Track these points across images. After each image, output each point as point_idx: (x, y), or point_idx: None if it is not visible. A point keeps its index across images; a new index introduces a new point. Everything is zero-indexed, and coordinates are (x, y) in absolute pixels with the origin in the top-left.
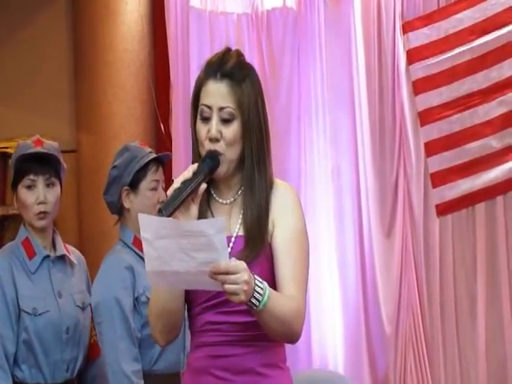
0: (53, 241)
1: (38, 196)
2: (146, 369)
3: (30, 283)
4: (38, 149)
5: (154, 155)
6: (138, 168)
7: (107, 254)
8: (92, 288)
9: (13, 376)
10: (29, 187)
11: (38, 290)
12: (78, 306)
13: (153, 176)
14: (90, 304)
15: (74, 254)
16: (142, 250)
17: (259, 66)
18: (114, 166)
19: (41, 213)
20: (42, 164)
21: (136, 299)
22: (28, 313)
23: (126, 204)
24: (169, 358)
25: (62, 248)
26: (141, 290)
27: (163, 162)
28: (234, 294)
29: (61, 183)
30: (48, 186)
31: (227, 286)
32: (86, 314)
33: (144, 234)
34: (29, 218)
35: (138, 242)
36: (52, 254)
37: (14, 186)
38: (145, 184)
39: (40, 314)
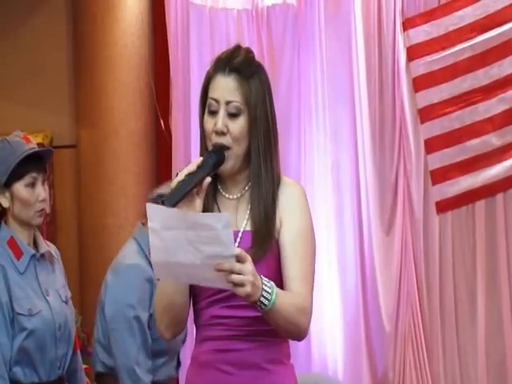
0: (33, 238)
1: (39, 194)
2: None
3: (21, 284)
4: (32, 146)
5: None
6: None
7: (126, 258)
8: (110, 291)
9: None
10: (31, 185)
11: (29, 291)
12: (64, 301)
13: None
14: (70, 300)
15: (51, 248)
16: None
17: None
18: None
19: (42, 210)
20: (40, 162)
21: (150, 315)
22: (24, 315)
23: None
24: (167, 370)
25: (44, 244)
26: None
27: None
28: (241, 285)
29: None
30: (43, 183)
31: (234, 277)
32: (70, 307)
33: (151, 224)
34: (29, 217)
35: None
36: (36, 252)
37: (8, 184)
38: None
39: (35, 314)
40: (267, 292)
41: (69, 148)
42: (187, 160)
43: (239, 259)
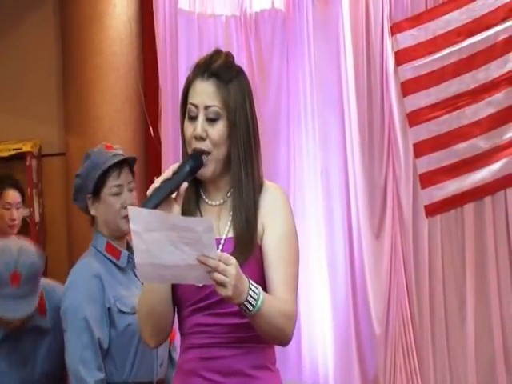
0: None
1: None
2: (119, 379)
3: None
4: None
5: (113, 160)
6: (98, 175)
7: (78, 260)
8: (62, 294)
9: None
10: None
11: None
12: None
13: (113, 181)
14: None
15: None
16: (114, 256)
17: (248, 67)
18: (78, 175)
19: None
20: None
21: (108, 310)
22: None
23: (92, 211)
24: (142, 368)
25: None
26: (112, 299)
27: (131, 164)
28: (222, 285)
29: None
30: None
31: (216, 275)
32: None
33: (133, 227)
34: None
35: (110, 248)
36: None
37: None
38: (105, 190)
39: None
40: (253, 298)
41: (58, 156)
42: None
43: (223, 262)
